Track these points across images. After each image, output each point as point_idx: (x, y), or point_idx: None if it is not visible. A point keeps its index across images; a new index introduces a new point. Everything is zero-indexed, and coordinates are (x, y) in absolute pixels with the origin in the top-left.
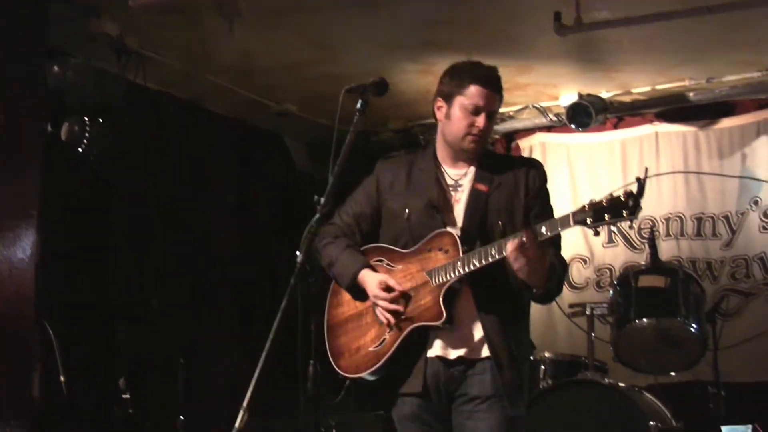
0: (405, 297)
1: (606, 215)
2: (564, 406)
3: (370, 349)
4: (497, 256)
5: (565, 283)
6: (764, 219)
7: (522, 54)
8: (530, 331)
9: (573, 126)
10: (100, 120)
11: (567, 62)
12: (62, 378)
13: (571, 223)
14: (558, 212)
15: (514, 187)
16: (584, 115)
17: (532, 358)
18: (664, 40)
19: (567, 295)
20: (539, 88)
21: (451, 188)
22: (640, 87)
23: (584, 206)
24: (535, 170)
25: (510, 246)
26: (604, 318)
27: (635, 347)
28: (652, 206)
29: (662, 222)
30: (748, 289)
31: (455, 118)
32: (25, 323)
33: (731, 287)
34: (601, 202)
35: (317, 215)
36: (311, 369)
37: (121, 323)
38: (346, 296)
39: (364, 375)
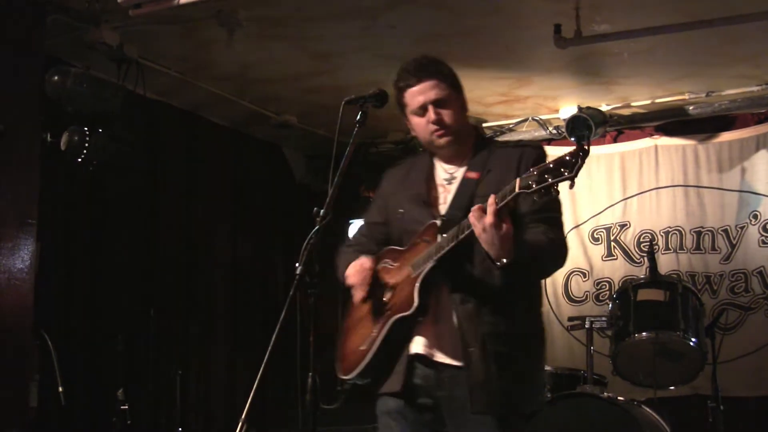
0: (390, 290)
1: (548, 177)
2: (562, 419)
3: (361, 348)
4: (459, 235)
5: (564, 296)
6: (763, 233)
7: (521, 66)
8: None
9: (572, 139)
10: (100, 130)
11: (567, 75)
12: (60, 388)
13: (516, 188)
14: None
15: (505, 171)
16: (584, 128)
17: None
18: (663, 54)
19: (566, 309)
20: (539, 101)
21: (445, 182)
22: (640, 100)
23: (531, 170)
24: (530, 150)
25: (470, 213)
26: (603, 331)
27: (634, 361)
28: (652, 220)
29: (661, 235)
30: (748, 303)
31: (415, 126)
32: (23, 333)
33: (730, 301)
34: (548, 163)
35: (316, 227)
36: (310, 380)
37: (119, 334)
38: (355, 304)
39: (353, 376)
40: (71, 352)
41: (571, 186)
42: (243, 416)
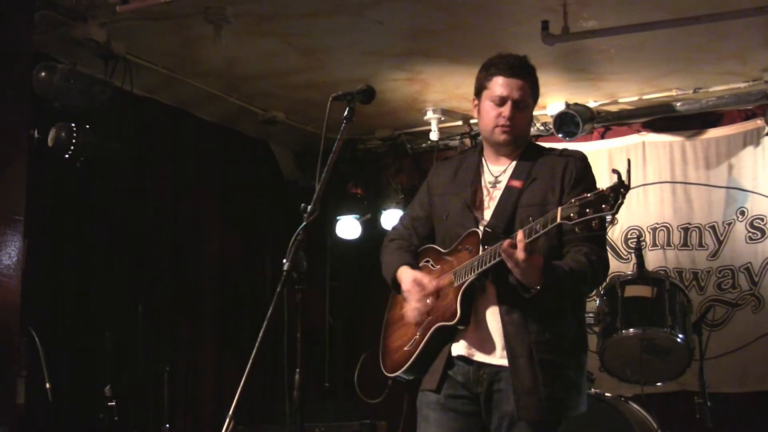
0: (435, 296)
1: (589, 211)
2: None
3: (405, 348)
4: (493, 259)
5: None
6: (750, 229)
7: None
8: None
9: (560, 135)
10: (87, 126)
11: (554, 71)
12: (48, 385)
13: (558, 218)
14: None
15: (550, 181)
16: (571, 124)
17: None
18: (651, 50)
19: None
20: None
21: (490, 185)
22: (628, 96)
23: (572, 201)
24: (573, 161)
25: (501, 247)
26: (591, 328)
27: (621, 357)
28: (639, 216)
29: (649, 232)
30: (735, 299)
31: (483, 112)
32: (11, 330)
33: (717, 297)
34: (590, 196)
35: (304, 223)
36: (297, 377)
37: (106, 330)
38: (399, 298)
39: (400, 374)
40: (58, 348)
41: (612, 222)
42: (230, 412)
